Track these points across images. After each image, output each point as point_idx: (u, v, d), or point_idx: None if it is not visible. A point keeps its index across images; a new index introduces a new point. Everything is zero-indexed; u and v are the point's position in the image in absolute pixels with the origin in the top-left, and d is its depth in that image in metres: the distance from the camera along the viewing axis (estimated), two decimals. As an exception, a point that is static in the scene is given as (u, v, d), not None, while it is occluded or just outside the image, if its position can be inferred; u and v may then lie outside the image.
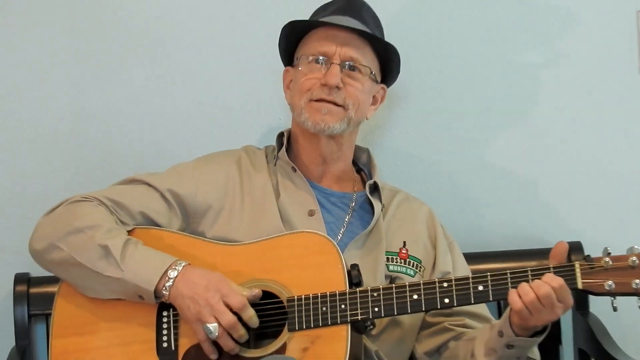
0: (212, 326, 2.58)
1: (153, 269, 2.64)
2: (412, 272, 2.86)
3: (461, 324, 2.83)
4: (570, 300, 2.54)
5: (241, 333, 2.61)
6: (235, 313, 2.61)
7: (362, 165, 3.03)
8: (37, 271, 2.99)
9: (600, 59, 3.32)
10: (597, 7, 3.31)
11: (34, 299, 3.14)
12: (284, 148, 2.92)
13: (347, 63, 2.84)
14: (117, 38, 3.26)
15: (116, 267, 2.64)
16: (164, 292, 2.63)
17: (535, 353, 2.77)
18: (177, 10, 3.27)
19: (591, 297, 3.19)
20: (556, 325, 3.21)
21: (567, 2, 3.30)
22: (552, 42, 3.32)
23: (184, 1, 3.27)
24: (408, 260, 2.87)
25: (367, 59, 2.87)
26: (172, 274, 2.63)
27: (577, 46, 3.31)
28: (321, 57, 2.85)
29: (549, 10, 3.30)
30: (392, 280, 2.80)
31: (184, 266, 2.64)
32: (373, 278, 2.78)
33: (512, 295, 2.53)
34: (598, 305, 3.20)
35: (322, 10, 2.94)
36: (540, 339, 2.63)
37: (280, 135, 2.97)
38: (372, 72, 2.88)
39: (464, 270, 2.95)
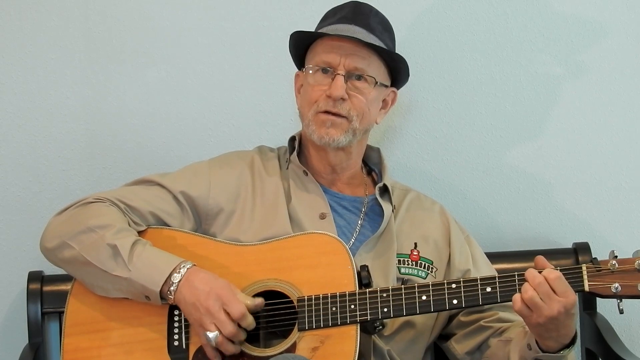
0: (212, 335, 2.60)
1: (159, 270, 2.65)
2: (423, 274, 2.86)
3: (496, 318, 2.83)
4: (570, 295, 2.52)
5: (241, 338, 2.63)
6: None
7: (372, 166, 3.03)
8: (50, 269, 3.01)
9: (609, 63, 3.33)
10: (613, 16, 3.32)
11: (47, 297, 3.14)
12: (295, 152, 2.93)
13: (352, 74, 2.82)
14: (130, 40, 3.27)
15: (124, 266, 2.65)
16: (169, 295, 2.65)
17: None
18: (189, 11, 3.28)
19: (599, 298, 3.21)
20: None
21: (579, 11, 3.31)
22: (566, 49, 3.32)
23: (197, 3, 3.28)
24: (419, 262, 2.87)
25: (373, 68, 2.85)
26: (176, 278, 2.64)
27: (585, 51, 3.32)
28: (327, 68, 2.83)
29: (558, 18, 3.31)
30: (403, 283, 2.79)
31: (188, 269, 2.65)
32: (384, 281, 2.79)
33: (515, 295, 2.54)
34: (605, 306, 3.21)
35: (331, 15, 2.92)
36: (567, 352, 2.61)
37: (292, 139, 2.97)
38: (377, 82, 2.85)
39: (484, 261, 2.96)
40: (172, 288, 2.64)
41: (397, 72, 2.92)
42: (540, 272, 2.53)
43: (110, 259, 2.67)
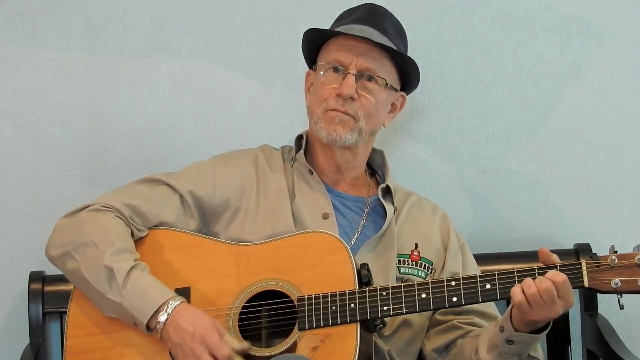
0: None
1: (150, 303, 2.63)
2: (423, 274, 2.87)
3: (470, 322, 2.84)
4: (571, 298, 2.54)
5: None
6: None
7: (376, 168, 3.04)
8: (51, 269, 2.99)
9: (610, 63, 3.33)
10: (614, 17, 3.32)
11: (49, 297, 3.14)
12: (302, 150, 2.93)
13: (363, 74, 2.84)
14: (132, 39, 3.27)
15: (117, 291, 2.65)
16: (155, 331, 2.64)
17: (539, 352, 2.77)
18: (192, 10, 3.28)
19: (600, 299, 3.21)
20: (565, 326, 3.22)
21: (580, 12, 3.32)
22: (567, 50, 3.33)
23: (198, 3, 3.28)
24: (419, 262, 2.88)
25: (384, 70, 2.86)
26: (163, 316, 2.62)
27: (587, 52, 3.32)
28: (338, 67, 2.85)
29: (560, 18, 3.32)
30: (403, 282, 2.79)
31: (175, 307, 2.63)
32: (384, 281, 2.78)
33: (515, 288, 2.55)
34: (607, 307, 3.21)
35: (346, 16, 2.93)
36: (540, 336, 2.63)
37: (299, 137, 2.97)
38: (387, 84, 2.87)
39: (474, 271, 2.95)
40: (158, 326, 2.63)
41: (408, 76, 2.93)
42: (544, 273, 2.54)
43: (105, 281, 2.66)
